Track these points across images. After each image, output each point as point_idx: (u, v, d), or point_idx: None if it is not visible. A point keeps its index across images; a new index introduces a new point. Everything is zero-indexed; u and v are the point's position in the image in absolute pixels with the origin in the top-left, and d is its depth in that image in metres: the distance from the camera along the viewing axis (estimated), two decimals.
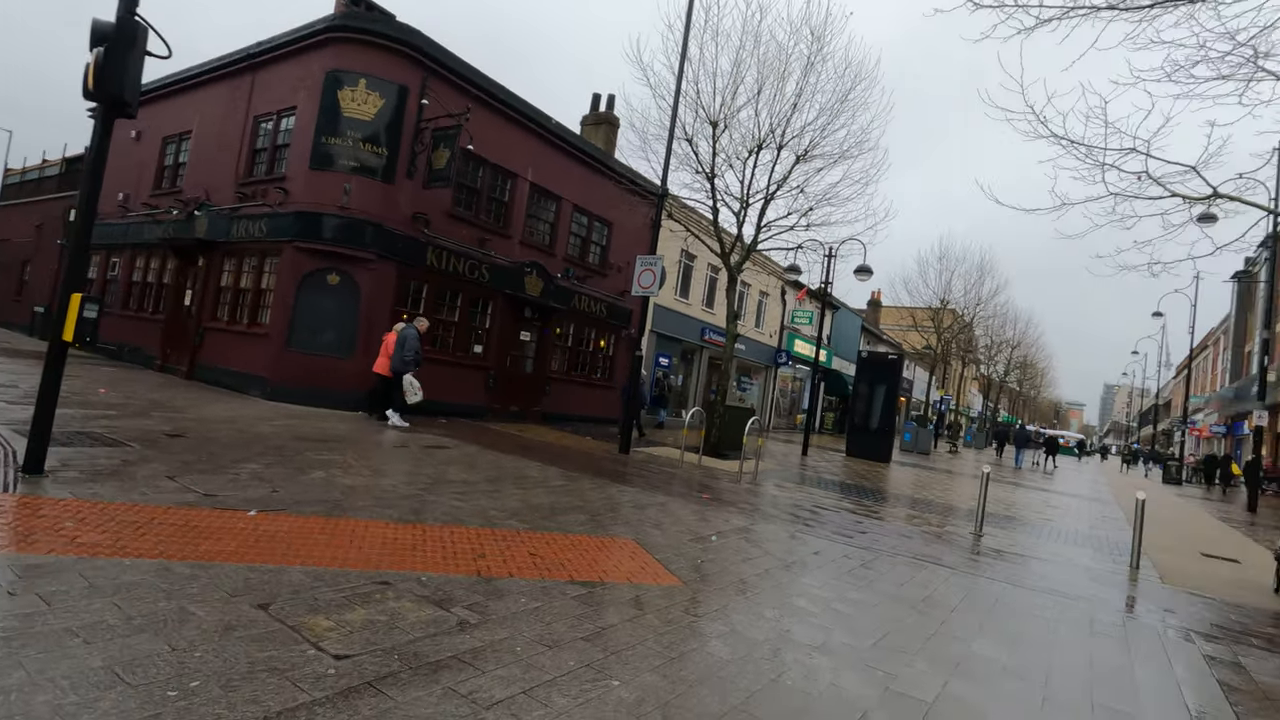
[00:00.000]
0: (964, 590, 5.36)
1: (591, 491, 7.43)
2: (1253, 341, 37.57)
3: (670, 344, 20.71)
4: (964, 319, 31.19)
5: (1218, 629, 5.26)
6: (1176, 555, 9.00)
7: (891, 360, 18.44)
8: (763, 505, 8.23)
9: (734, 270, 13.62)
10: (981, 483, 8.57)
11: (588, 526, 5.72)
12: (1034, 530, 9.49)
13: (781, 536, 6.50)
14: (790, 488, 10.33)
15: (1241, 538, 11.81)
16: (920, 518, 9.14)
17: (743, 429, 13.91)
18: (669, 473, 9.97)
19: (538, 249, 15.09)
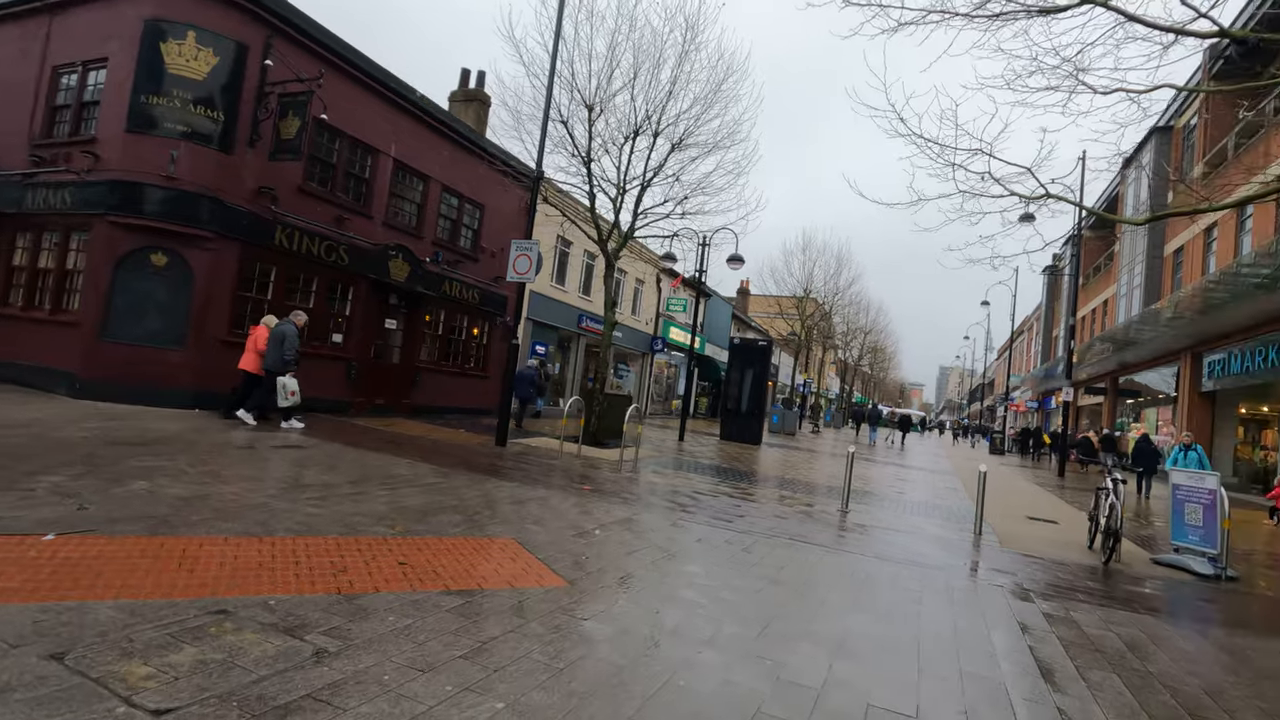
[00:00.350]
0: (838, 569, 5.58)
1: (467, 489, 7.02)
2: (1059, 327, 43.19)
3: (547, 332, 20.31)
4: (825, 308, 33.21)
5: (1051, 588, 5.84)
6: (1008, 520, 10.02)
7: (761, 346, 19.22)
8: (644, 494, 8.19)
9: (611, 257, 13.49)
10: (847, 463, 9.05)
11: (464, 528, 5.35)
12: (891, 504, 10.19)
13: (664, 525, 6.46)
14: (670, 474, 10.41)
15: (1056, 500, 13.42)
16: (792, 497, 9.52)
17: (622, 417, 13.87)
18: (549, 464, 9.69)
19: (403, 231, 14.13)
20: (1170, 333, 21.39)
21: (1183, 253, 23.75)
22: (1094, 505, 8.38)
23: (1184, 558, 7.47)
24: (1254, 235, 18.65)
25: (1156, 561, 7.68)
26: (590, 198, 13.14)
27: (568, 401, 11.34)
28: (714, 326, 33.40)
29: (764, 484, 10.73)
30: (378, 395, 13.79)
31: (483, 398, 16.69)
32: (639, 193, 13.63)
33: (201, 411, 10.14)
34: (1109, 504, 7.44)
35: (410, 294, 14.27)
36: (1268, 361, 17.30)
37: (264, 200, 11.05)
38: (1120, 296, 28.86)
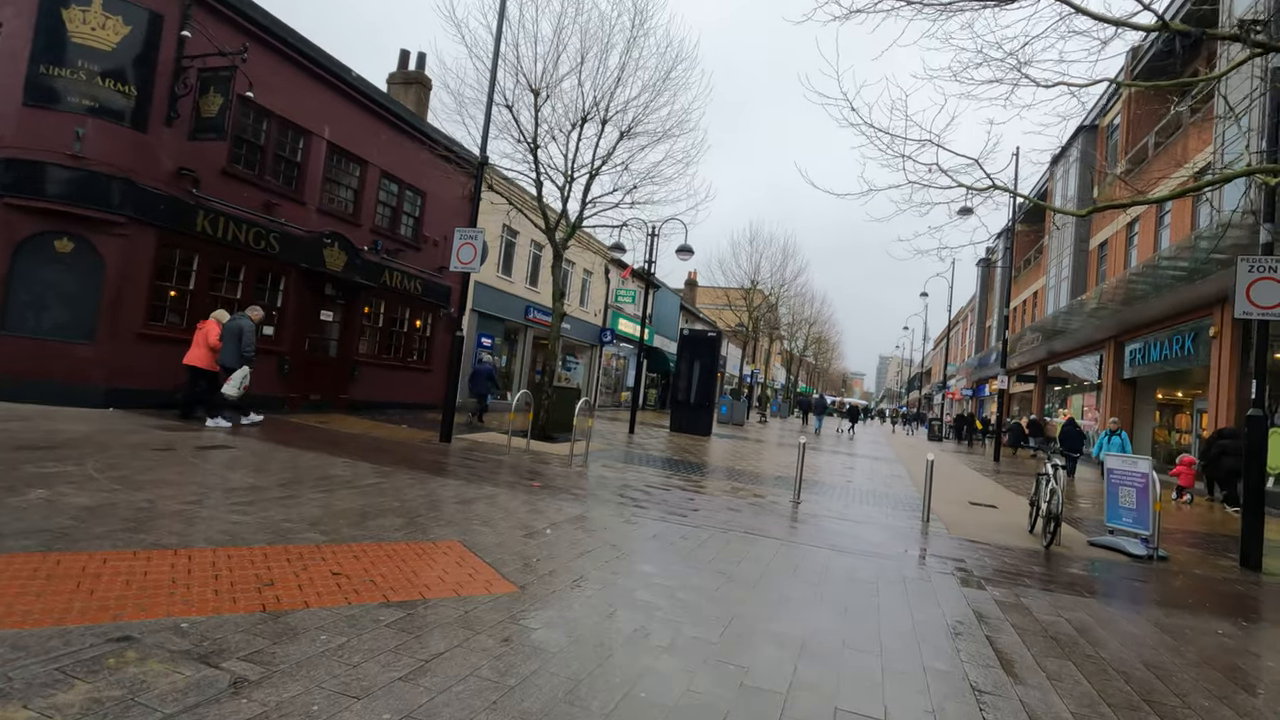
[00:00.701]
0: (795, 562, 5.50)
1: (410, 488, 6.66)
2: (992, 318, 44.96)
3: (493, 323, 19.81)
4: (771, 299, 33.57)
5: (999, 574, 5.92)
6: (952, 506, 10.24)
7: (711, 338, 19.24)
8: (595, 489, 7.98)
9: (559, 247, 13.18)
10: (798, 455, 9.04)
11: (406, 531, 5.03)
12: (841, 493, 10.28)
13: (617, 522, 6.28)
14: (621, 468, 10.23)
15: (994, 486, 13.87)
16: (744, 489, 9.48)
17: (571, 410, 13.61)
18: (496, 461, 9.37)
19: (340, 218, 13.46)
20: (1095, 323, 22.45)
21: (1107, 246, 24.93)
22: (1034, 490, 8.62)
23: (1118, 539, 7.75)
24: (1172, 230, 19.68)
25: (1093, 544, 7.94)
26: (537, 185, 12.78)
27: (515, 395, 11.02)
28: (662, 318, 33.36)
29: (716, 476, 10.67)
30: (313, 390, 13.14)
31: (427, 392, 16.14)
32: (587, 181, 13.35)
33: (116, 411, 9.40)
34: (1049, 489, 7.64)
35: (347, 284, 13.62)
36: (1184, 350, 18.32)
37: (184, 183, 10.29)
38: (1049, 288, 30.15)
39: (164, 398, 10.16)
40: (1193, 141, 18.83)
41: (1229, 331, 16.08)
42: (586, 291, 26.88)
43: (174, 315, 10.57)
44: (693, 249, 16.87)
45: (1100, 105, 26.91)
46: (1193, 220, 18.52)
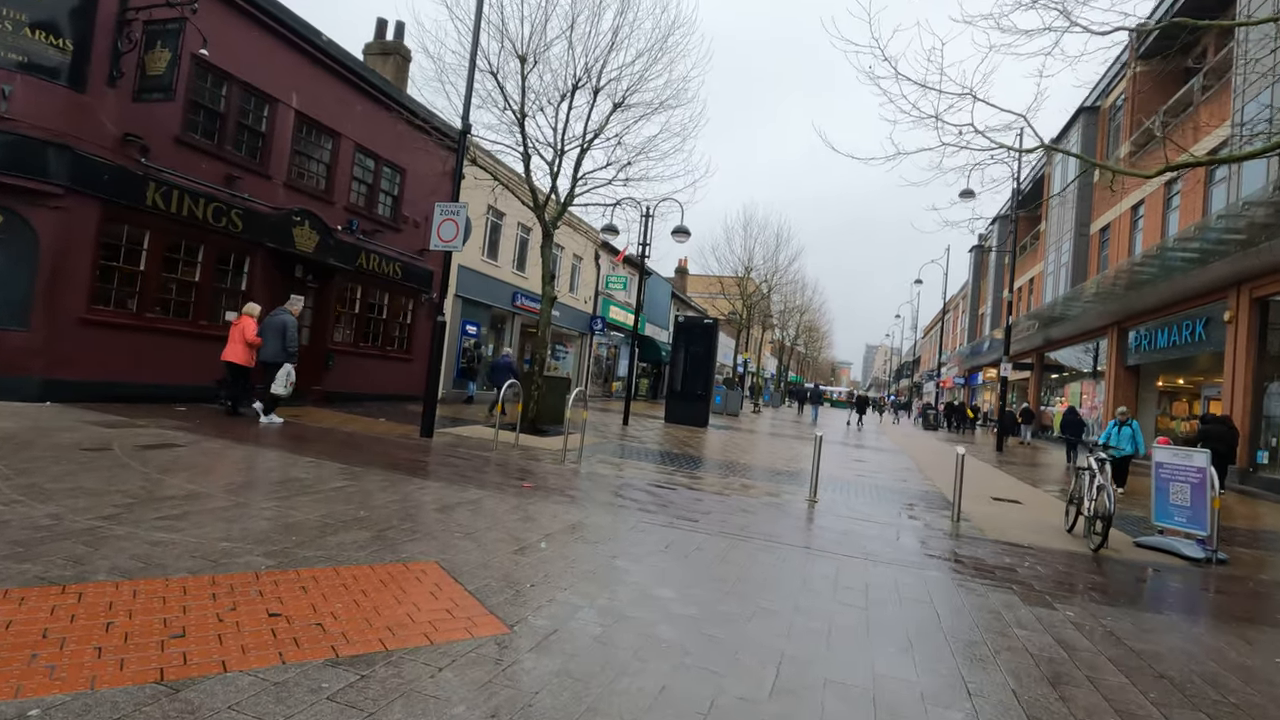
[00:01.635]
0: (831, 578, 4.70)
1: (382, 493, 5.78)
2: (985, 305, 44.49)
3: (478, 310, 18.84)
4: (766, 286, 32.78)
5: (1059, 587, 5.15)
6: (976, 502, 9.51)
7: (707, 325, 18.41)
8: (594, 490, 7.14)
9: (549, 225, 12.26)
10: (815, 448, 8.24)
11: (373, 549, 4.16)
12: (855, 489, 9.51)
13: (621, 530, 5.44)
14: (618, 464, 9.40)
15: (1009, 478, 13.17)
16: (753, 485, 8.68)
17: (562, 401, 12.74)
18: (482, 458, 8.49)
19: (310, 195, 12.44)
20: (1098, 309, 21.87)
21: (1109, 231, 24.35)
22: (1073, 486, 7.89)
23: (1170, 540, 7.03)
24: (1182, 213, 19.06)
25: (1140, 544, 7.21)
26: (524, 159, 11.83)
27: (509, 384, 10.15)
28: (653, 306, 32.48)
29: (721, 471, 9.87)
30: None
31: (408, 382, 15.20)
32: (578, 156, 12.42)
33: (54, 405, 8.41)
34: (1096, 486, 6.90)
35: (320, 266, 12.63)
36: (1195, 335, 17.75)
37: (131, 151, 9.26)
38: (1048, 274, 29.60)
39: (108, 390, 9.18)
40: (1203, 119, 18.18)
41: (1245, 315, 15.49)
42: (576, 278, 25.93)
43: (123, 298, 9.56)
44: (689, 230, 16.00)
45: (1102, 86, 26.26)
46: (1205, 203, 17.91)
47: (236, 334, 9.33)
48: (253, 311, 9.53)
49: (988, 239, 46.94)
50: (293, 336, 9.47)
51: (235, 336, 9.33)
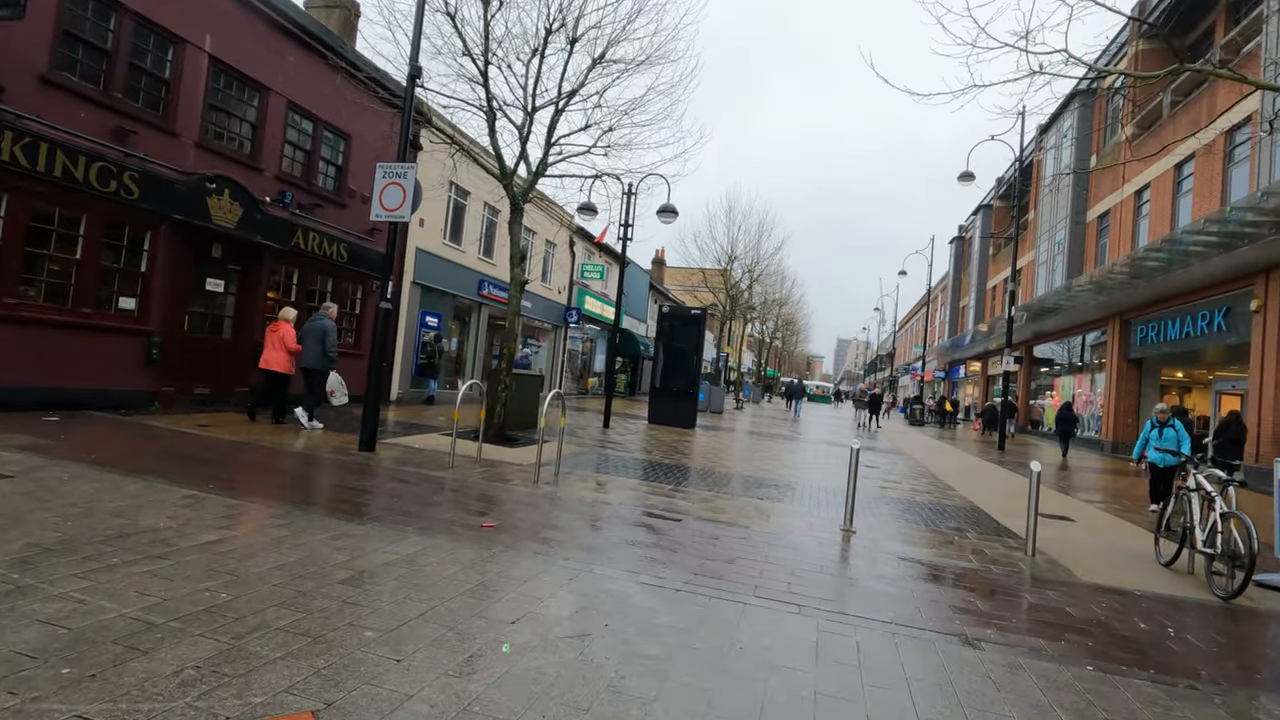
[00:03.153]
0: (944, 677, 3.05)
1: (272, 550, 3.98)
2: (967, 297, 43.63)
3: (439, 299, 16.89)
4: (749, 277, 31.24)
5: (1246, 673, 3.58)
6: (1023, 519, 8.02)
7: (694, 315, 16.74)
8: (577, 527, 5.42)
9: (518, 199, 10.45)
10: (850, 463, 6.61)
11: (204, 689, 2.38)
12: (886, 509, 7.93)
13: (632, 598, 3.75)
14: (605, 482, 7.69)
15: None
16: (772, 508, 7.04)
17: (534, 403, 11.01)
18: (433, 480, 6.70)
19: (231, 159, 10.44)
20: (1100, 299, 20.75)
21: (1109, 218, 23.28)
22: (1170, 510, 6.41)
23: None
24: (1196, 196, 17.93)
25: (1263, 583, 5.74)
26: (488, 117, 9.99)
27: (464, 384, 8.36)
28: (631, 297, 30.73)
29: (728, 487, 8.21)
30: (199, 382, 10.18)
31: (359, 382, 13.24)
32: (552, 118, 10.62)
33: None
34: (1220, 514, 5.40)
35: (245, 245, 10.64)
36: (1213, 326, 16.63)
37: None
38: (1040, 264, 28.56)
39: None
40: (1221, 96, 17.04)
41: (1277, 304, 14.36)
42: (549, 266, 24.04)
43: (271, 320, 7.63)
44: (676, 210, 14.30)
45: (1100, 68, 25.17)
46: (1223, 186, 16.78)
47: (275, 341, 9.14)
48: (289, 317, 9.39)
49: (968, 230, 46.13)
50: (334, 341, 9.44)
51: (274, 343, 9.14)
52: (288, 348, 9.15)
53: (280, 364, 9.14)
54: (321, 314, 9.62)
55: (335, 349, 9.52)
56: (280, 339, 9.16)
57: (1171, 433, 8.67)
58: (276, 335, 9.20)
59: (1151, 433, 8.77)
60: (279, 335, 9.18)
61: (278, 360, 9.13)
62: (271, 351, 9.14)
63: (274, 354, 9.14)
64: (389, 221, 8.07)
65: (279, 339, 9.17)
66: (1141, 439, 8.93)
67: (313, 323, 9.45)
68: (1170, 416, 8.73)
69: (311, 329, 9.35)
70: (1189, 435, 8.69)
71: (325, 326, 9.33)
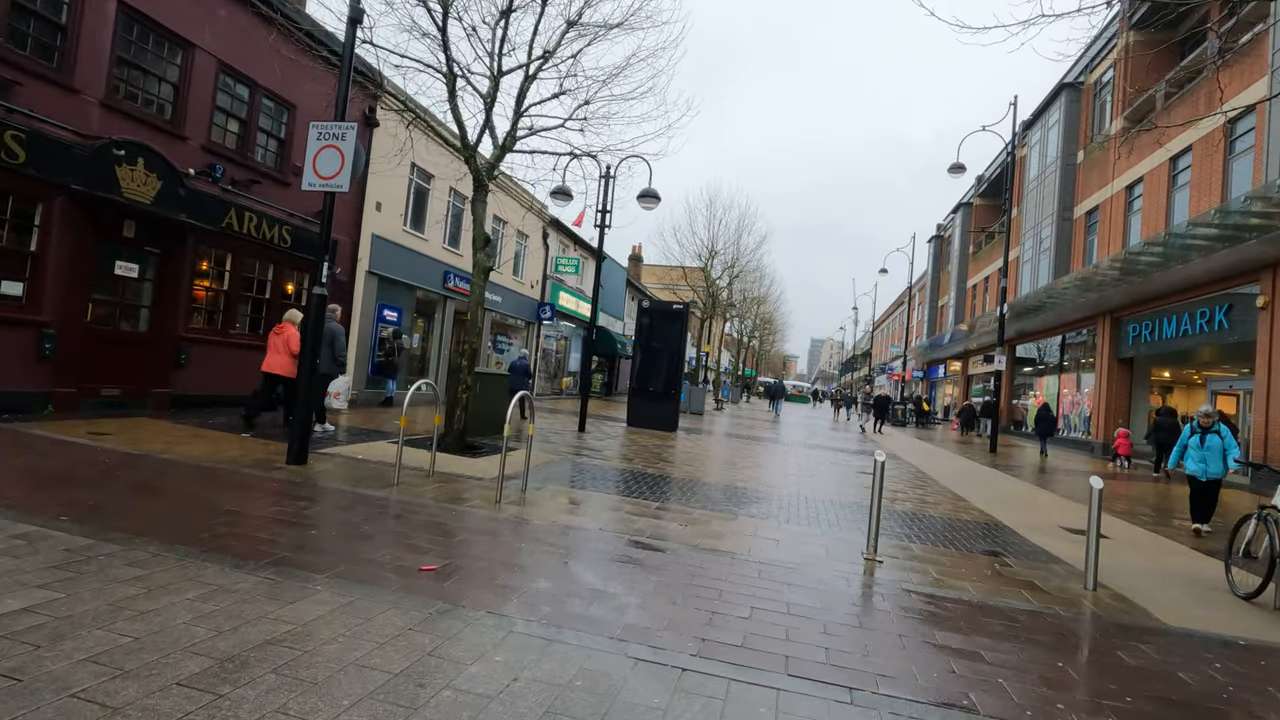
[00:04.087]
0: None
1: (110, 619, 2.75)
2: (946, 296, 43.23)
3: (399, 292, 15.52)
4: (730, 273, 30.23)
5: None
6: (1053, 538, 7.05)
7: (677, 310, 15.61)
8: (548, 566, 4.25)
9: (482, 174, 9.23)
10: (874, 479, 5.54)
11: None
12: (905, 528, 6.88)
13: (623, 686, 2.59)
14: (581, 500, 6.53)
15: (1046, 493, 10.87)
16: (777, 530, 5.95)
17: (500, 405, 9.80)
18: (371, 503, 5.47)
19: (147, 123, 9.04)
20: (1086, 297, 20.13)
21: (1098, 213, 22.71)
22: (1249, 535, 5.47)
23: None
24: (1194, 190, 17.33)
25: None
26: (448, 79, 8.76)
27: (413, 386, 7.12)
28: (607, 293, 29.51)
29: (724, 503, 7.09)
30: (108, 382, 8.77)
31: None
32: (521, 84, 9.43)
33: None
34: None
35: (164, 224, 9.24)
36: (1214, 324, 16.01)
37: None
38: (1025, 262, 27.98)
39: None
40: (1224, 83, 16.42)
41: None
42: (521, 259, 22.72)
43: None
44: (658, 195, 13.17)
45: (1086, 61, 24.69)
46: (1224, 179, 16.17)
47: (279, 344, 8.74)
48: (295, 319, 9.00)
49: (947, 229, 45.77)
50: (342, 346, 9.14)
51: (278, 346, 8.74)
52: (292, 351, 8.69)
53: (283, 368, 8.71)
54: (329, 316, 9.07)
55: (344, 353, 9.20)
56: (285, 342, 8.74)
57: (1216, 440, 7.55)
58: (281, 338, 8.78)
59: (1191, 439, 7.68)
60: (283, 338, 8.76)
61: (280, 364, 8.72)
62: (275, 355, 8.75)
63: (277, 357, 8.74)
64: (325, 192, 6.81)
65: (283, 342, 8.75)
66: (1178, 446, 7.91)
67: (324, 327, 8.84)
68: (1215, 421, 7.64)
69: (325, 334, 8.88)
70: (1235, 443, 7.67)
71: (333, 330, 8.93)
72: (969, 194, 39.73)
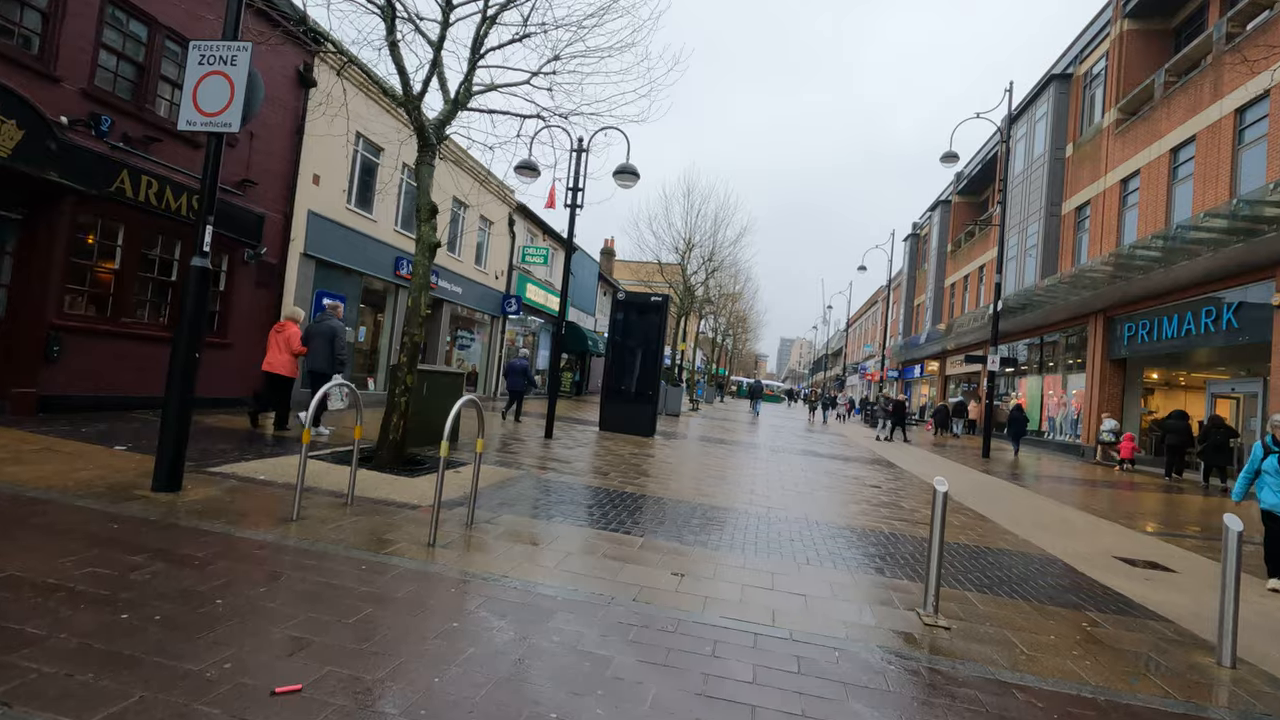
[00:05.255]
0: None
1: None
2: (923, 295, 42.57)
3: (342, 279, 13.78)
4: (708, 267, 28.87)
5: None
6: (1111, 574, 5.79)
7: (656, 303, 14.14)
8: (488, 675, 2.74)
9: (429, 132, 7.67)
10: (934, 522, 4.16)
11: None
12: (952, 563, 5.53)
13: None
14: (546, 540, 5.03)
15: (1075, 511, 9.69)
16: (798, 569, 4.53)
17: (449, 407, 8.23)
18: (246, 555, 3.89)
19: (3, 57, 7.25)
20: (1079, 296, 19.25)
21: (1089, 209, 21.90)
22: None
23: None
24: (1197, 182, 16.47)
25: None
26: (385, 11, 7.16)
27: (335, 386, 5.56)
28: (579, 287, 27.94)
29: (726, 540, 5.66)
30: None
31: (218, 380, 10.17)
32: (479, 27, 7.88)
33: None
34: None
35: (29, 184, 7.47)
36: (1222, 324, 15.13)
37: None
38: (1009, 259, 27.19)
39: None
40: (1229, 73, 15.59)
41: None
42: (485, 248, 21.02)
43: None
44: (637, 172, 11.68)
45: (1075, 52, 23.92)
46: (1233, 170, 15.30)
47: (279, 342, 8.62)
48: (296, 316, 8.94)
49: (924, 227, 45.13)
50: (343, 344, 8.96)
51: (278, 345, 8.62)
52: (293, 350, 8.59)
53: (284, 366, 8.58)
54: (329, 314, 9.12)
55: (345, 351, 8.99)
56: (285, 340, 8.60)
57: None
58: (281, 336, 8.64)
59: (1266, 461, 5.68)
60: (284, 336, 8.62)
61: (281, 363, 8.57)
62: (275, 353, 8.59)
63: (277, 356, 8.58)
64: (208, 133, 5.19)
65: (284, 340, 8.61)
66: (1246, 473, 5.91)
67: (319, 323, 8.96)
68: None
69: (319, 330, 8.84)
70: None
71: (334, 328, 8.83)
72: (947, 191, 39.06)
